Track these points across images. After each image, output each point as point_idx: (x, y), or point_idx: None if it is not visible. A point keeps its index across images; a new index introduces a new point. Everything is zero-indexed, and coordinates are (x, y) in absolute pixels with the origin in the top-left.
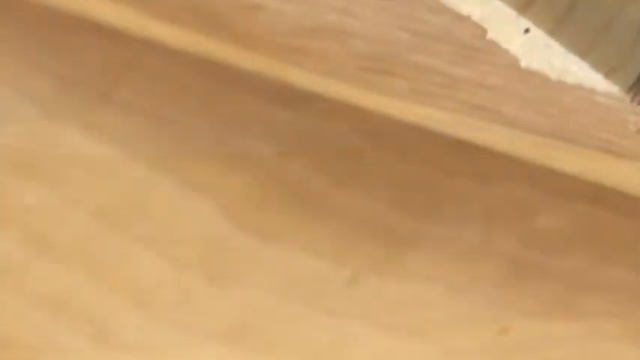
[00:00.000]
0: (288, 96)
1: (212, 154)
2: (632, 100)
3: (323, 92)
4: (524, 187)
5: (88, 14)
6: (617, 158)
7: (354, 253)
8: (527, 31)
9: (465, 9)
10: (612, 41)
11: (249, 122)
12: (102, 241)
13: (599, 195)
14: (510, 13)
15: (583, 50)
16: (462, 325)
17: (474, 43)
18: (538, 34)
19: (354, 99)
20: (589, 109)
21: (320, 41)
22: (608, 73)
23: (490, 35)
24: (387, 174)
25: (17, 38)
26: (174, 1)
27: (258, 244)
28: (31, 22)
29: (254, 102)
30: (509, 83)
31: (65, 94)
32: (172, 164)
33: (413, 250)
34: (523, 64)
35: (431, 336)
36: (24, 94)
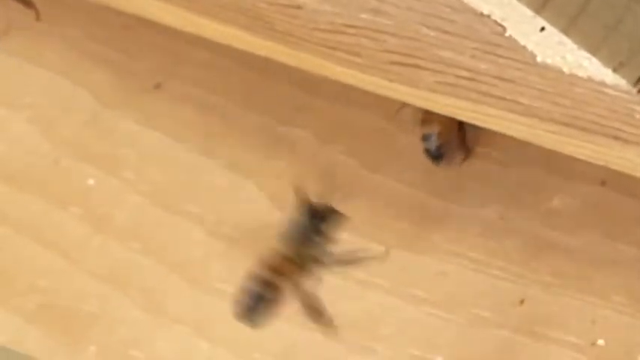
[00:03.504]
0: (324, 87)
1: (255, 141)
2: (638, 92)
3: (356, 84)
4: (540, 170)
5: (142, 12)
6: (624, 144)
7: (386, 230)
8: (542, 29)
9: (485, 9)
10: (621, 39)
11: (289, 111)
12: (155, 220)
13: (608, 178)
14: (527, 12)
15: (594, 47)
16: (483, 296)
17: (494, 40)
18: (553, 32)
19: (385, 90)
20: (599, 100)
21: (354, 38)
22: (617, 67)
23: (509, 33)
24: (415, 159)
25: (77, 35)
26: (221, 0)
27: None
28: (90, 20)
29: (294, 93)
30: (527, 76)
31: (121, 85)
32: (219, 149)
33: (439, 228)
34: (539, 59)
35: (455, 306)
36: (83, 85)
